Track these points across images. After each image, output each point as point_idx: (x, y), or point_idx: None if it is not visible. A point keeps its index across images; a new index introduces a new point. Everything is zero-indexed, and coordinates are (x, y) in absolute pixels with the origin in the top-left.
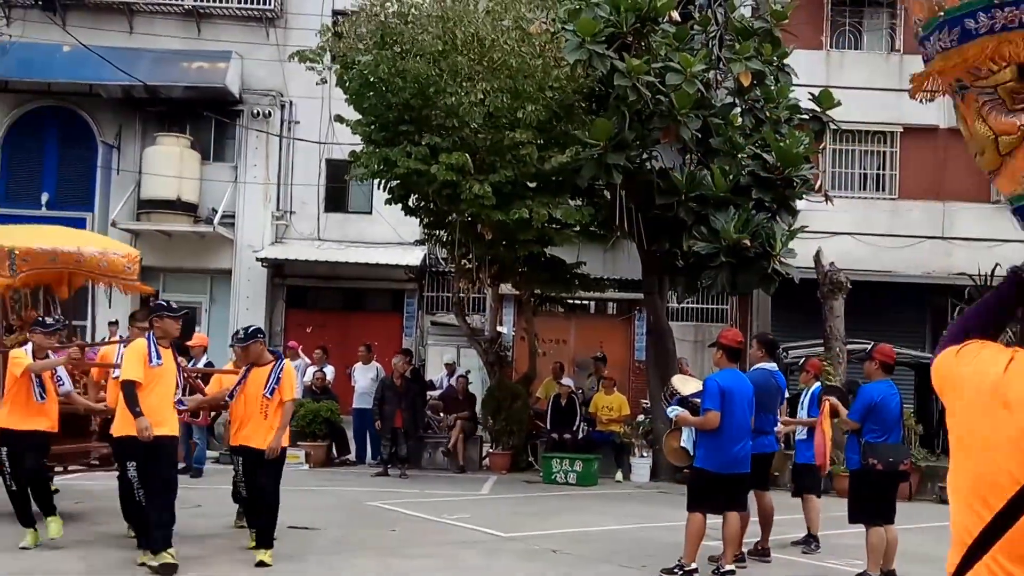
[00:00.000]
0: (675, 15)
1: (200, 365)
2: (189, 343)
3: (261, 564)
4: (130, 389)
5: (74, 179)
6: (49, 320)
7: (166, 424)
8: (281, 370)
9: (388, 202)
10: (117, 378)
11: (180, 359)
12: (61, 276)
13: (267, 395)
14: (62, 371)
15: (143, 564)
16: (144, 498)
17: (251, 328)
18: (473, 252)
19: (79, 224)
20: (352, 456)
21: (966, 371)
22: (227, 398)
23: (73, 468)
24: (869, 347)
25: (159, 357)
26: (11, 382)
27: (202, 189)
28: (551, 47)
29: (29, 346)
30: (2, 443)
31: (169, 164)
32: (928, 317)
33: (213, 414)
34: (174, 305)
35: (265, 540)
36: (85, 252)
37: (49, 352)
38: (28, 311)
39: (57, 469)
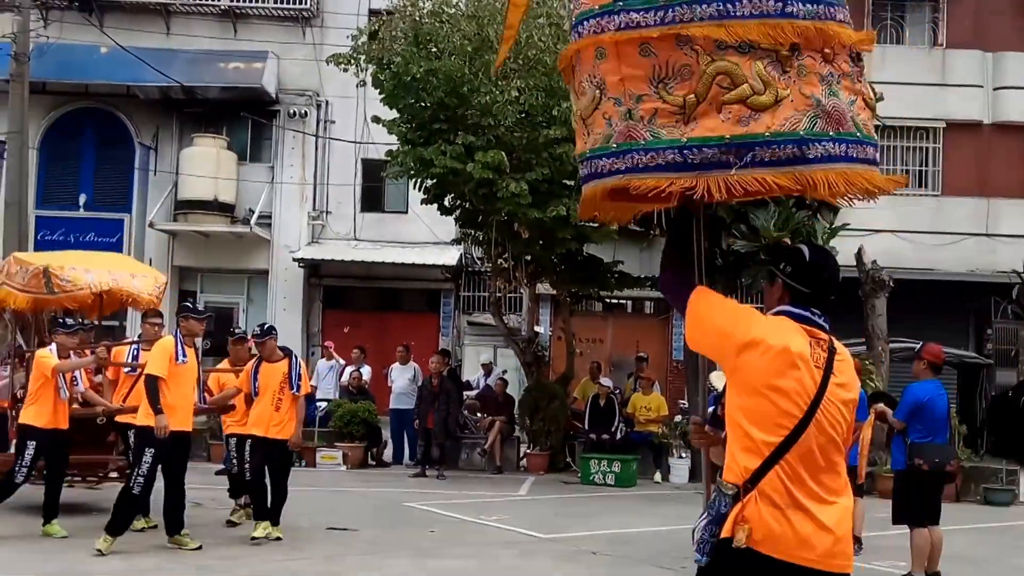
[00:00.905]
0: None
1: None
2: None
3: (278, 539)
4: (154, 384)
5: (111, 180)
6: (69, 320)
7: (187, 420)
8: (300, 367)
9: (424, 202)
10: (129, 374)
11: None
12: (95, 302)
13: (295, 391)
14: (77, 372)
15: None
16: (165, 487)
17: (267, 326)
18: (510, 251)
19: (117, 225)
20: (389, 457)
21: (769, 336)
22: (252, 395)
23: (90, 479)
24: (917, 346)
25: (184, 355)
26: (37, 382)
27: (239, 190)
28: None
29: (53, 347)
30: (28, 440)
31: (206, 165)
32: (971, 316)
33: None
34: (200, 306)
35: (275, 518)
36: (117, 276)
37: (72, 352)
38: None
39: (73, 479)
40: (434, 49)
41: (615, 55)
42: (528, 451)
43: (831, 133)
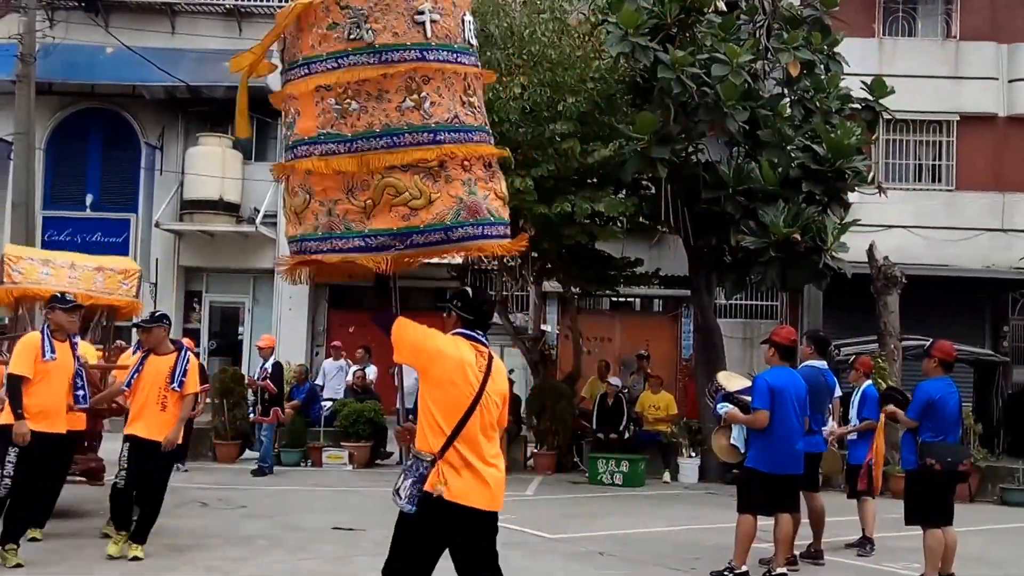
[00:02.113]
0: (721, 4)
1: (267, 366)
2: (258, 344)
3: (135, 559)
4: (16, 384)
5: (118, 180)
6: (68, 296)
7: (59, 422)
8: (187, 362)
9: None
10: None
11: (81, 354)
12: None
13: (175, 387)
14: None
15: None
16: (14, 493)
17: (157, 313)
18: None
19: (123, 225)
20: (396, 457)
21: (449, 349)
22: (123, 387)
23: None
24: (927, 344)
25: (53, 351)
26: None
27: (244, 189)
28: (592, 39)
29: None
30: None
31: (212, 164)
32: (987, 313)
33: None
34: (68, 297)
35: (141, 535)
36: (79, 264)
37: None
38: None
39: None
40: None
41: (319, 172)
42: (535, 451)
43: (471, 220)
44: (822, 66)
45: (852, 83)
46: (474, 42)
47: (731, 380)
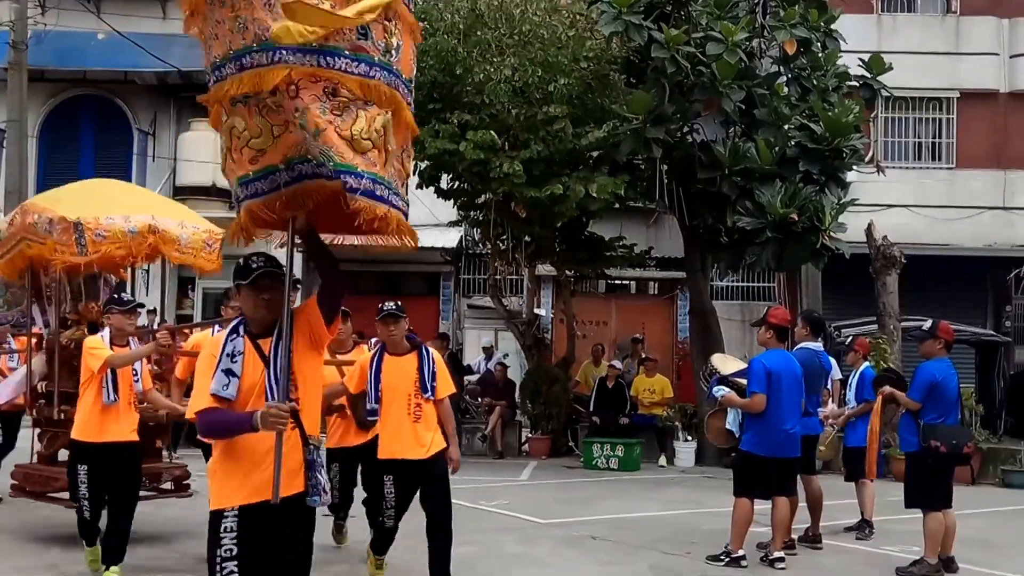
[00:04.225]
0: None
1: None
2: None
3: None
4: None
5: (110, 167)
6: (126, 296)
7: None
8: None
9: (419, 186)
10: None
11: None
12: (127, 255)
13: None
14: (139, 364)
15: None
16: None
17: (126, 296)
18: (508, 231)
19: None
20: None
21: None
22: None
23: (143, 494)
24: (927, 324)
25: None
26: (85, 381)
27: None
28: (584, 18)
29: (106, 332)
30: (79, 460)
31: (204, 150)
32: (989, 292)
33: None
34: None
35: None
36: (161, 223)
37: (131, 340)
38: (87, 304)
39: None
40: (427, 27)
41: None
42: (530, 436)
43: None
44: (819, 43)
45: (850, 60)
46: None
47: (726, 363)
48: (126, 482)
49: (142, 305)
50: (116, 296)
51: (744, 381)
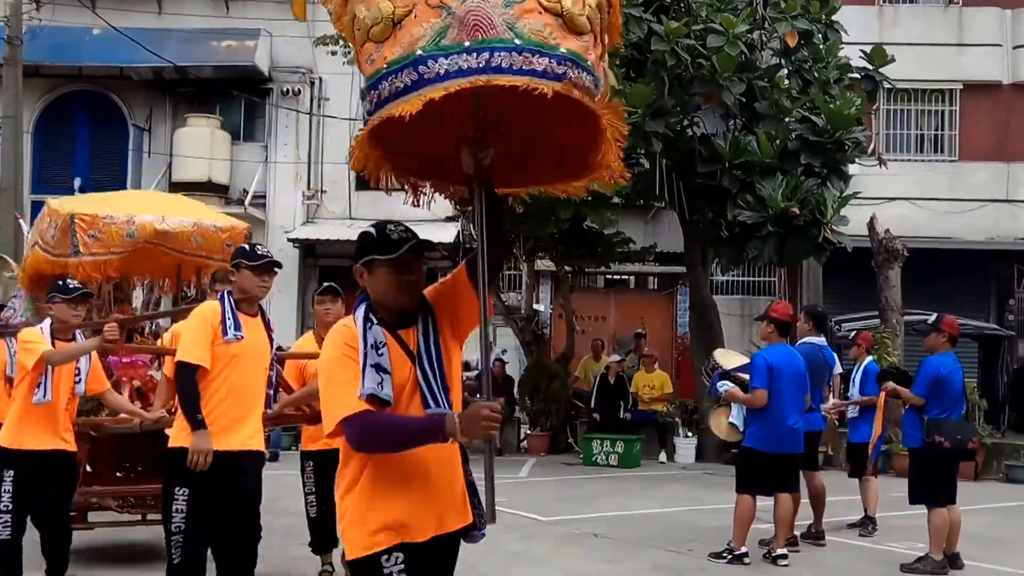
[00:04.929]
0: None
1: None
2: None
3: None
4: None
5: (106, 162)
6: (72, 283)
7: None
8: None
9: None
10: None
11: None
12: (164, 262)
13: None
14: (84, 362)
15: None
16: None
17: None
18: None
19: None
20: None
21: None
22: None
23: (153, 519)
24: (932, 318)
25: (238, 327)
26: (19, 380)
27: (233, 170)
28: None
29: (46, 323)
30: (6, 465)
31: (200, 145)
32: (992, 286)
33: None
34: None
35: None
36: (170, 224)
37: (77, 333)
38: (121, 307)
39: (128, 517)
40: None
41: None
42: (529, 432)
43: (466, 43)
44: (820, 35)
45: (851, 52)
46: None
47: (728, 358)
48: (53, 501)
49: (90, 294)
50: (60, 283)
51: (747, 376)
